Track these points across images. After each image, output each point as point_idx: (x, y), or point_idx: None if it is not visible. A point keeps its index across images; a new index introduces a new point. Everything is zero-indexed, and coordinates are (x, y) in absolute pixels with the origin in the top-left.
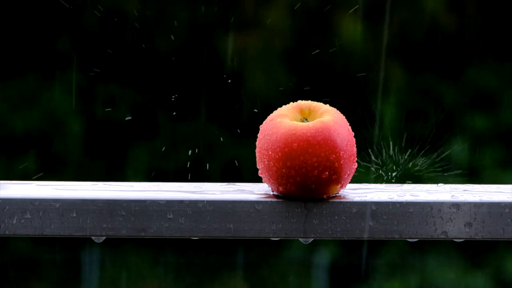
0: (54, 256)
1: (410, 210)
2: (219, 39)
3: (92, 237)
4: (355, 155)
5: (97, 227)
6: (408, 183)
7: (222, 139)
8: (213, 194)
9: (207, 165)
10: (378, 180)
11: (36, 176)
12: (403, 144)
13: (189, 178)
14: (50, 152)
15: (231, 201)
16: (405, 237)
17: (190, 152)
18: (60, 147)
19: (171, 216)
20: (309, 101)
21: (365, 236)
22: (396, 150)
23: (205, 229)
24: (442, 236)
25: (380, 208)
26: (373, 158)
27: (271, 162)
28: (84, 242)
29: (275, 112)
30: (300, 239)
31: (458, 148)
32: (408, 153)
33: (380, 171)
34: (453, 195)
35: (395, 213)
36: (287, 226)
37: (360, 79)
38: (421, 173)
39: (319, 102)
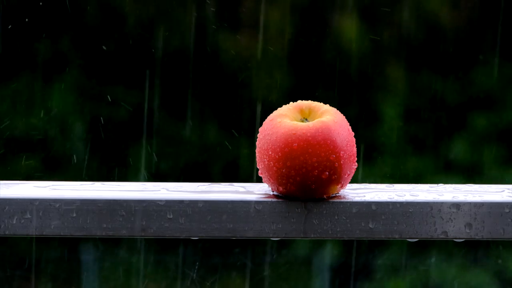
0: (54, 256)
1: (410, 210)
2: (219, 39)
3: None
4: (355, 155)
5: (97, 227)
6: (408, 183)
7: (222, 139)
8: (213, 194)
9: (207, 165)
10: (378, 180)
11: (36, 176)
12: (403, 144)
13: (189, 178)
14: (50, 152)
15: (231, 201)
16: (405, 237)
17: (190, 152)
18: (61, 147)
19: (171, 216)
20: (309, 101)
21: (365, 236)
22: (396, 150)
23: (205, 229)
24: (442, 236)
25: (380, 208)
26: (373, 157)
27: (271, 162)
28: (84, 242)
29: (275, 112)
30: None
31: (458, 148)
32: (408, 153)
33: (380, 171)
34: (453, 195)
35: (395, 213)
36: (287, 226)
37: (360, 78)
38: (421, 173)
39: (319, 102)
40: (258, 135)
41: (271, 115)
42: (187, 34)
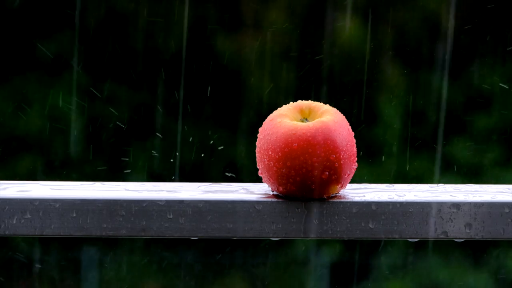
0: (54, 256)
1: (410, 210)
2: (219, 39)
3: None
4: (355, 155)
5: (97, 227)
6: (408, 183)
7: (222, 139)
8: (213, 194)
9: (207, 165)
10: (378, 180)
11: (36, 176)
12: (403, 144)
13: (189, 178)
14: (50, 152)
15: (231, 201)
16: (405, 237)
17: (190, 152)
18: (60, 147)
19: (171, 216)
20: (309, 101)
21: (365, 236)
22: (396, 150)
23: (205, 229)
24: (442, 236)
25: (380, 208)
26: (373, 158)
27: (271, 162)
28: (84, 242)
29: (275, 112)
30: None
31: (458, 148)
32: (408, 153)
33: (381, 171)
34: (453, 195)
35: (395, 213)
36: (287, 226)
37: (360, 78)
38: (421, 173)
39: (319, 102)
40: (258, 135)
41: (271, 115)
42: (187, 34)
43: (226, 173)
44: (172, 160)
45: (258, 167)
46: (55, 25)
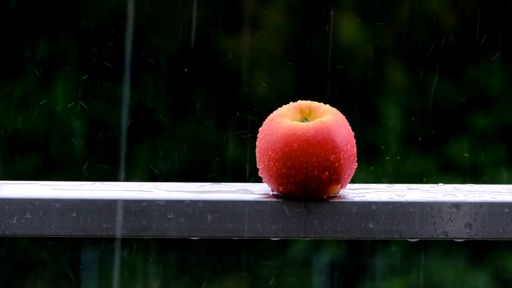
0: (54, 256)
1: (410, 210)
2: (219, 39)
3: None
4: (355, 155)
5: (97, 227)
6: (408, 183)
7: (222, 139)
8: (213, 194)
9: (207, 165)
10: (378, 180)
11: (36, 176)
12: (403, 144)
13: (189, 178)
14: (50, 152)
15: (231, 201)
16: (405, 237)
17: (190, 152)
18: (60, 147)
19: (171, 216)
20: (309, 101)
21: (365, 236)
22: (396, 150)
23: (205, 229)
24: (442, 236)
25: (380, 208)
26: (373, 158)
27: (271, 162)
28: (84, 242)
29: (275, 112)
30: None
31: (458, 148)
32: (408, 153)
33: (381, 171)
34: (453, 195)
35: (395, 213)
36: (287, 226)
37: (360, 78)
38: (421, 173)
39: (319, 102)
40: (258, 135)
41: (271, 115)
42: (187, 34)
43: (226, 173)
44: (172, 160)
45: (258, 167)
46: (54, 24)
